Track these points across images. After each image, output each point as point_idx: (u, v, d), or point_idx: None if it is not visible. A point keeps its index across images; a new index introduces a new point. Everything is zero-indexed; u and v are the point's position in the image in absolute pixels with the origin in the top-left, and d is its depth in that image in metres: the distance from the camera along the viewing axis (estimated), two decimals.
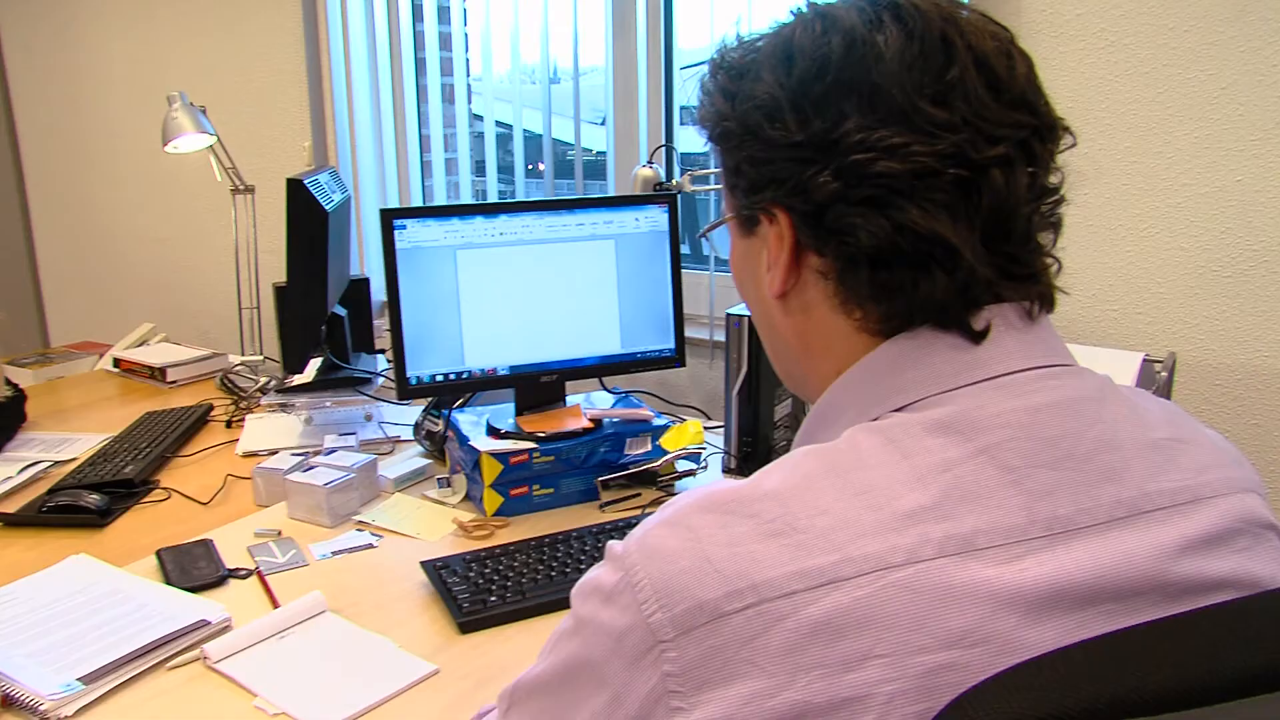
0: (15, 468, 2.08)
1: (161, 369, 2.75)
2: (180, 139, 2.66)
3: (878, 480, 0.64)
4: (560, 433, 1.80)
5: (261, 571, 1.59)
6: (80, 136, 3.86)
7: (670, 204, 1.94)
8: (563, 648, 0.69)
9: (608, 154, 2.65)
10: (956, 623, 0.58)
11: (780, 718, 0.58)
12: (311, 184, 2.00)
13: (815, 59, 0.70)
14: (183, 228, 3.61)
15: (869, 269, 0.70)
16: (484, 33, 2.84)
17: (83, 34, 3.71)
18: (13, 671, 1.28)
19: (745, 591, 0.60)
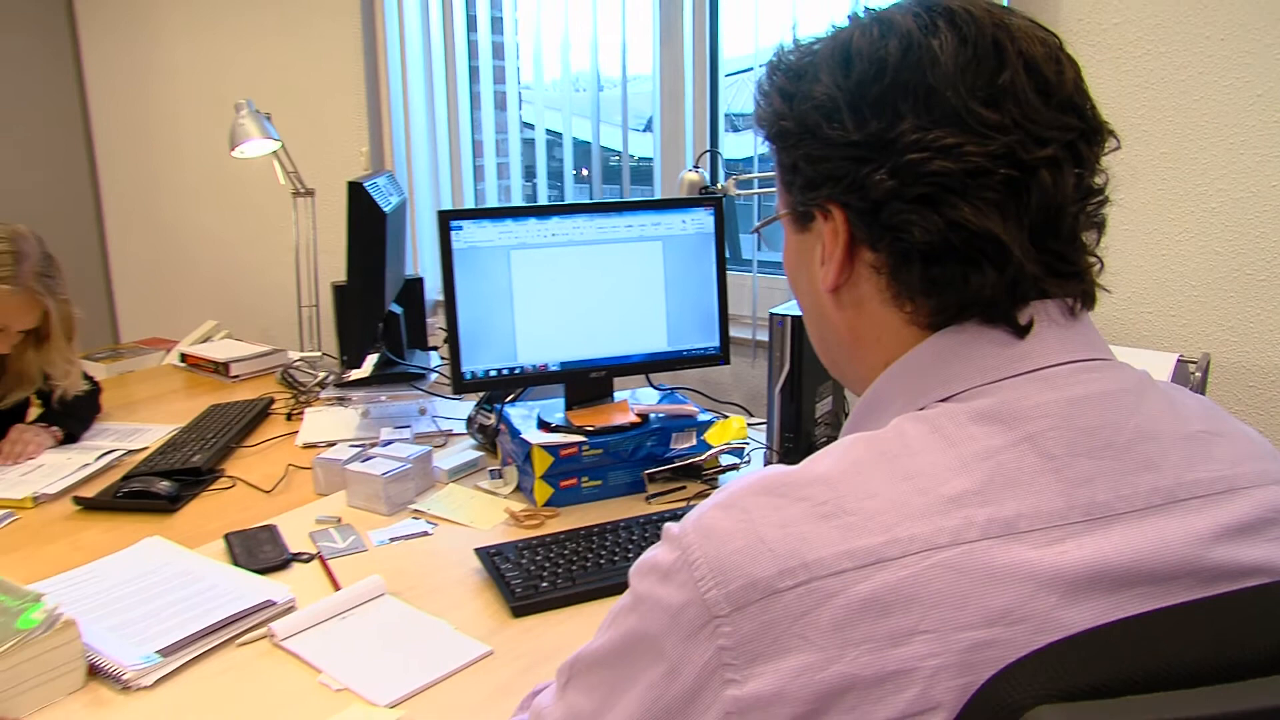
0: (92, 455, 2.12)
1: (225, 364, 2.80)
2: (246, 144, 2.70)
3: (924, 466, 0.64)
4: (608, 427, 1.81)
5: (323, 556, 1.61)
6: (151, 143, 3.93)
7: (716, 207, 1.94)
8: (621, 623, 0.70)
9: (654, 159, 2.66)
10: (998, 601, 0.59)
11: (829, 690, 0.59)
12: (371, 187, 2.02)
13: (873, 62, 0.71)
14: (245, 230, 3.66)
15: (921, 264, 0.70)
16: (535, 42, 2.86)
17: (154, 45, 3.78)
18: (98, 643, 1.31)
19: (797, 570, 0.61)
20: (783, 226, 0.83)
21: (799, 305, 0.86)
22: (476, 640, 1.35)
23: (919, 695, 0.58)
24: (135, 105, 3.94)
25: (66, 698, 1.26)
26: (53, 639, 1.25)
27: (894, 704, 0.58)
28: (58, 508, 1.91)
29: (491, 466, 1.94)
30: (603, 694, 0.71)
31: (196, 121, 3.73)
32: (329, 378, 2.55)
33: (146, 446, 2.20)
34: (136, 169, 4.02)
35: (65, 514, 1.88)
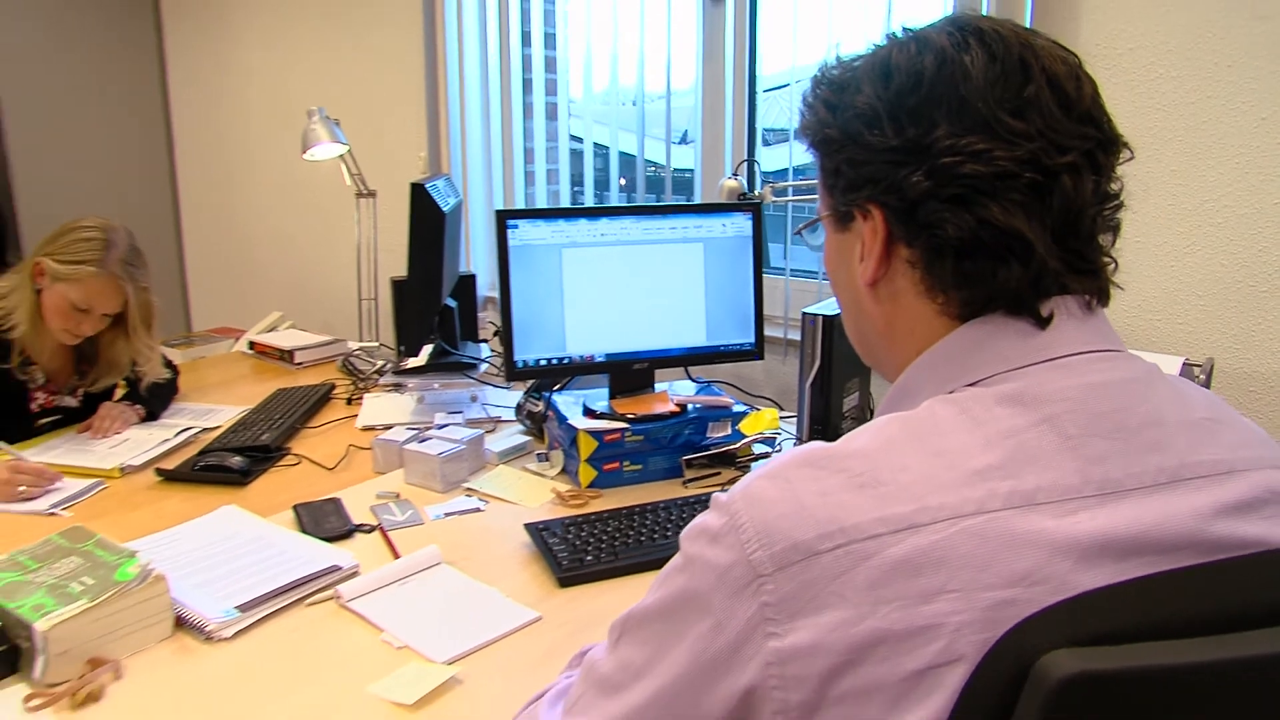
0: (171, 432, 2.19)
1: (290, 352, 2.86)
2: (317, 148, 2.76)
3: (952, 444, 0.67)
4: (649, 415, 1.85)
5: (383, 527, 1.66)
6: (225, 146, 4.01)
7: (754, 212, 1.98)
8: (672, 582, 0.73)
9: (694, 169, 2.70)
10: (1019, 565, 0.62)
11: (862, 642, 0.62)
12: (431, 188, 2.07)
13: (910, 75, 0.74)
14: (310, 228, 3.73)
15: (954, 259, 0.73)
16: (586, 59, 2.91)
17: (232, 54, 3.85)
18: (184, 597, 1.37)
19: (835, 534, 0.64)
20: (824, 227, 0.87)
21: (838, 300, 0.89)
22: (526, 607, 1.39)
23: (944, 648, 0.61)
24: (212, 110, 4.02)
25: (157, 644, 1.31)
26: (146, 591, 1.31)
27: (921, 655, 0.61)
28: (141, 478, 1.97)
29: (538, 450, 1.99)
30: (653, 647, 0.74)
31: (268, 126, 3.80)
32: (386, 365, 2.61)
33: (219, 425, 2.26)
34: (212, 170, 4.10)
35: (148, 484, 1.94)
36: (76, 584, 1.31)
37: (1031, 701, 0.54)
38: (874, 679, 0.62)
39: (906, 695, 0.62)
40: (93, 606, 1.26)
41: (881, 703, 0.62)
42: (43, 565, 1.37)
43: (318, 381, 2.60)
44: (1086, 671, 0.52)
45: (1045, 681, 0.53)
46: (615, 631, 0.80)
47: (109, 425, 2.18)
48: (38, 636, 1.21)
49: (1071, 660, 0.53)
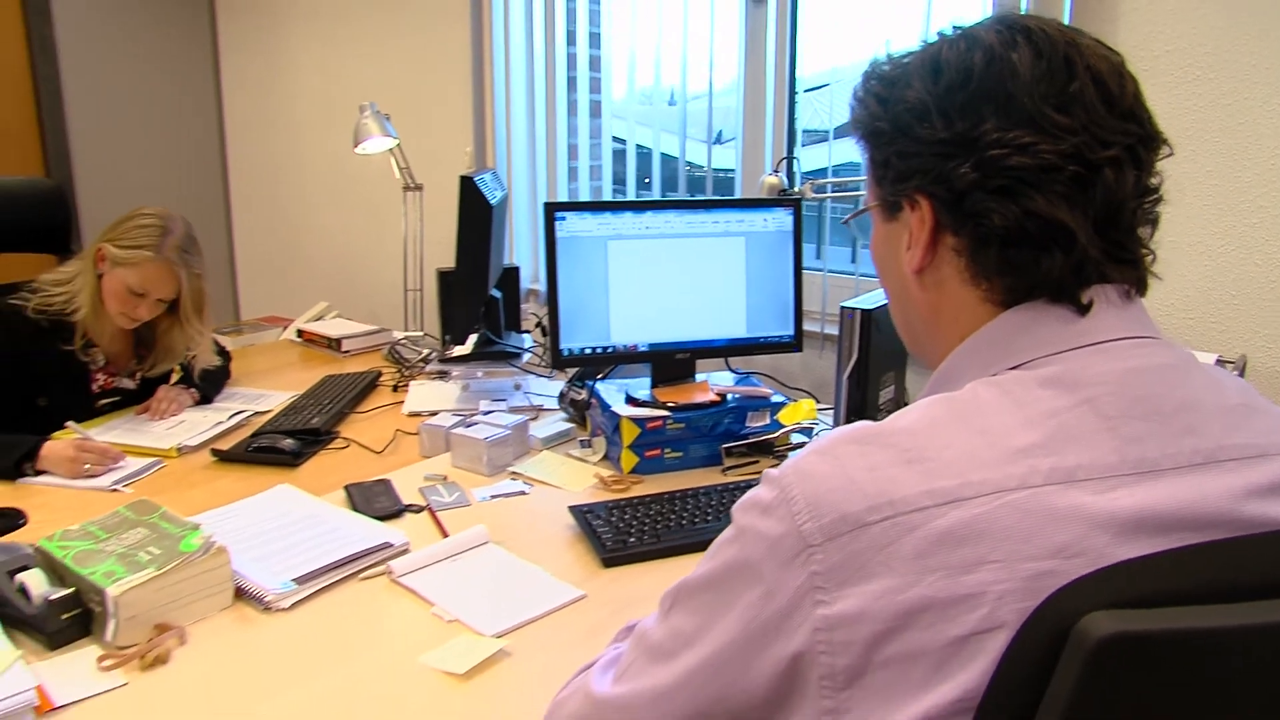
0: (225, 415, 2.24)
1: (338, 340, 2.91)
2: (368, 141, 2.82)
3: (995, 423, 0.70)
4: (690, 404, 1.88)
5: (432, 508, 1.70)
6: (275, 141, 4.07)
7: (795, 207, 2.01)
8: (724, 552, 0.76)
9: (735, 169, 2.73)
10: (1059, 538, 0.64)
11: (907, 610, 0.65)
12: (479, 181, 2.11)
13: (960, 71, 0.77)
14: (355, 221, 3.79)
15: (999, 247, 0.76)
16: (630, 59, 2.94)
17: (284, 52, 3.92)
18: (243, 570, 1.41)
19: (883, 506, 0.67)
20: (872, 218, 0.89)
21: (885, 289, 0.92)
22: (571, 585, 1.43)
23: (986, 615, 0.63)
24: (263, 106, 4.09)
25: (218, 613, 1.36)
26: (209, 561, 1.36)
27: (964, 623, 0.64)
28: (197, 458, 2.03)
29: (581, 437, 2.03)
30: (704, 615, 0.76)
31: (316, 122, 3.86)
32: (432, 354, 2.66)
33: (270, 409, 2.31)
34: (261, 164, 4.17)
35: (204, 464, 2.00)
36: (144, 553, 1.36)
37: (1071, 661, 0.57)
38: (918, 645, 0.65)
39: (949, 660, 0.64)
40: (160, 575, 1.31)
41: (925, 667, 0.65)
42: (112, 535, 1.42)
43: (364, 369, 2.65)
44: (1124, 632, 0.55)
45: (1085, 642, 0.55)
46: (666, 601, 0.83)
47: (166, 407, 2.24)
48: (109, 601, 1.27)
49: (1110, 621, 0.55)
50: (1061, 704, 0.58)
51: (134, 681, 1.21)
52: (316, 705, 1.16)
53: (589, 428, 2.03)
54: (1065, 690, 0.57)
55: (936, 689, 0.65)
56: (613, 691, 0.84)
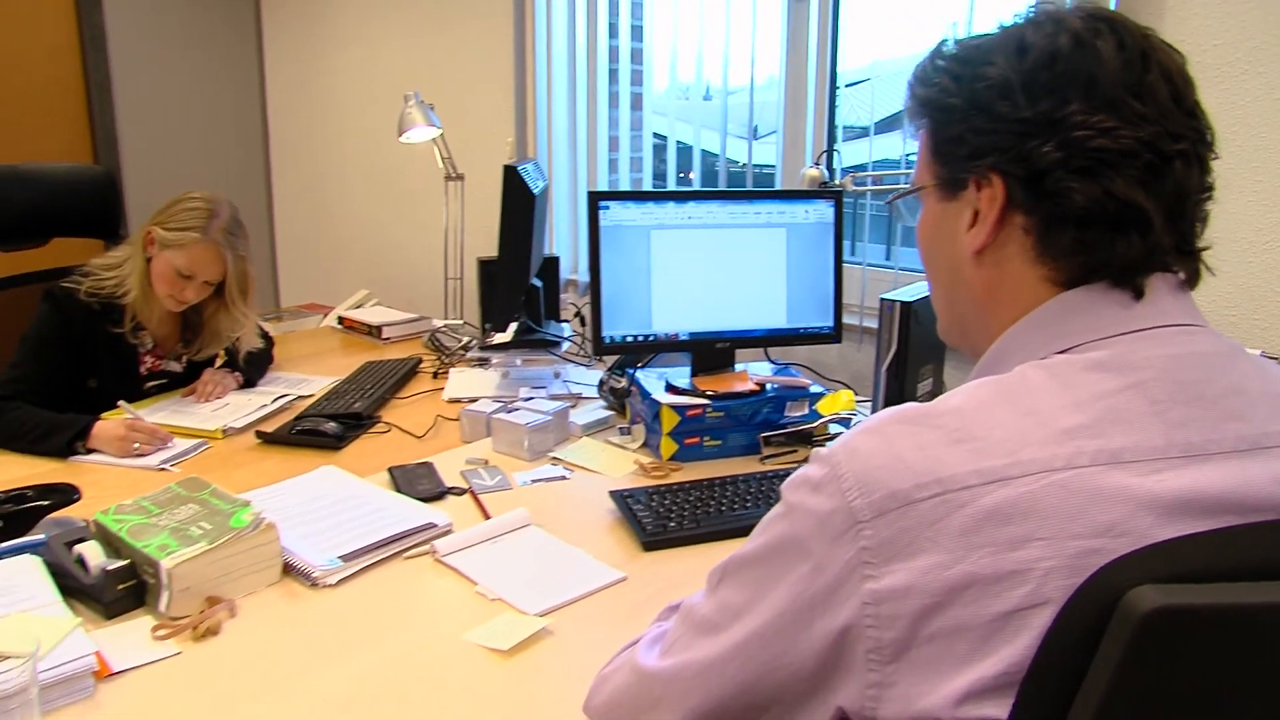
0: (269, 398, 2.29)
1: (378, 327, 2.95)
2: (412, 131, 2.85)
3: (1043, 405, 0.71)
4: (730, 393, 1.89)
5: (474, 490, 1.73)
6: (316, 129, 4.13)
7: (836, 199, 2.02)
8: (773, 528, 0.78)
9: (775, 163, 2.73)
10: (1104, 517, 0.65)
11: (954, 585, 0.66)
12: (523, 171, 2.14)
13: (1046, 51, 0.78)
14: (396, 211, 3.83)
15: (1075, 227, 0.77)
16: (672, 53, 2.95)
17: (326, 43, 3.96)
18: (291, 546, 1.45)
19: (931, 484, 0.68)
20: (923, 199, 0.90)
21: (930, 272, 0.92)
22: (611, 567, 1.45)
23: (1031, 592, 0.65)
24: (306, 96, 4.14)
25: (267, 588, 1.40)
26: (258, 537, 1.39)
27: (1009, 599, 0.65)
28: (242, 440, 2.07)
29: (620, 425, 2.05)
30: (753, 589, 0.78)
31: (358, 114, 3.91)
32: (472, 342, 2.69)
33: (313, 394, 2.35)
34: (303, 153, 4.23)
35: (248, 445, 2.04)
36: (196, 528, 1.39)
37: (1117, 635, 0.58)
38: (963, 619, 0.66)
39: (994, 636, 0.66)
40: (212, 549, 1.35)
41: (970, 641, 0.67)
42: (164, 510, 1.46)
43: (405, 356, 2.68)
44: (1170, 605, 0.56)
45: (1131, 615, 0.57)
46: (715, 577, 0.85)
47: (211, 390, 2.29)
48: (164, 573, 1.30)
49: (1156, 595, 0.56)
50: (1107, 677, 0.59)
51: (187, 651, 1.24)
52: (364, 678, 1.19)
53: (628, 415, 2.05)
54: (1111, 663, 0.59)
55: (981, 663, 0.66)
56: (660, 664, 0.86)
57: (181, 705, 1.14)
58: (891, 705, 0.70)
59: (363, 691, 1.17)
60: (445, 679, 1.19)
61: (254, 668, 1.21)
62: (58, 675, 1.12)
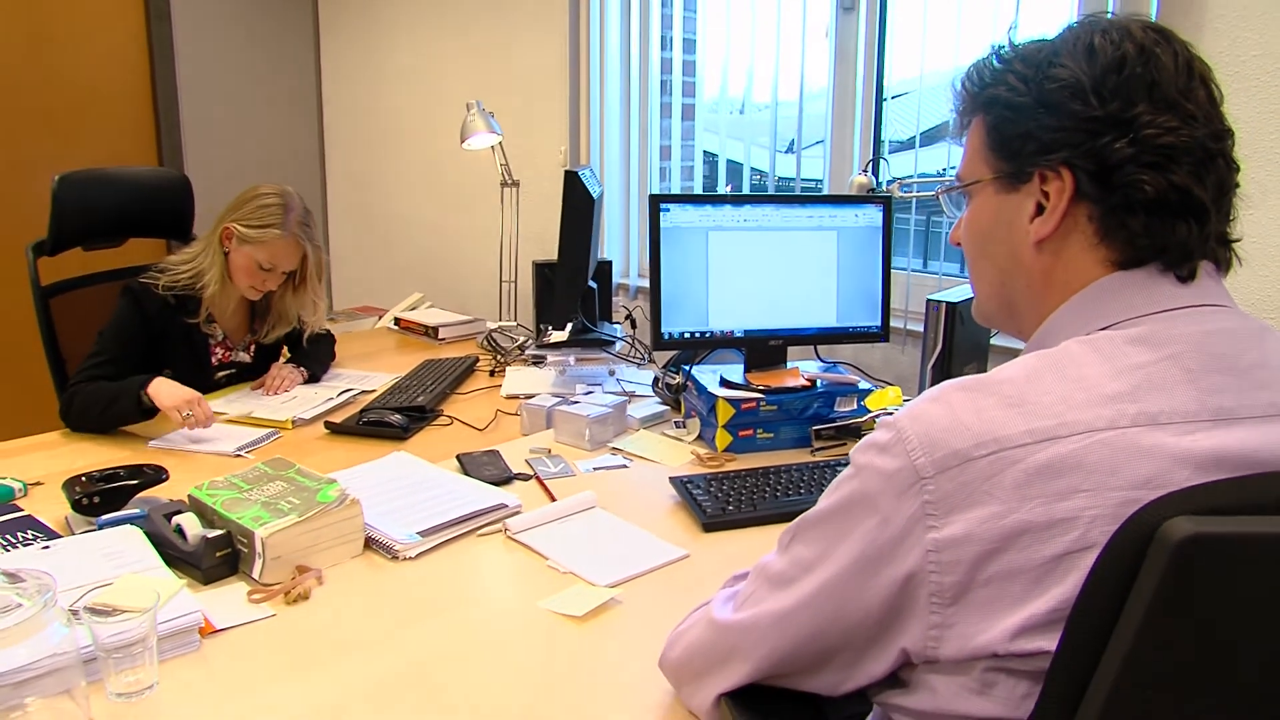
0: (334, 391, 2.41)
1: (435, 328, 3.07)
2: (474, 138, 2.97)
3: (1087, 374, 0.81)
4: (782, 388, 1.99)
5: (539, 476, 1.83)
6: (371, 136, 4.25)
7: (885, 205, 2.12)
8: (844, 488, 0.87)
9: (823, 173, 2.83)
10: (1143, 471, 0.75)
11: (1008, 533, 0.76)
12: (584, 175, 2.24)
13: (1114, 57, 0.86)
14: (448, 215, 3.95)
15: (1144, 214, 0.85)
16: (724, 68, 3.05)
17: (382, 51, 4.09)
18: (372, 522, 1.55)
19: (989, 443, 0.78)
20: (973, 194, 0.98)
21: (979, 263, 1.00)
22: (675, 545, 1.55)
23: (1079, 537, 0.74)
24: (361, 104, 4.27)
25: (350, 560, 1.51)
26: (344, 511, 1.50)
27: (1059, 544, 0.75)
28: (310, 430, 2.19)
29: (675, 419, 2.15)
30: (824, 544, 0.88)
31: (414, 121, 4.02)
32: (528, 341, 2.80)
33: (375, 389, 2.46)
34: (357, 160, 4.36)
35: (317, 435, 2.15)
36: (285, 503, 1.51)
37: (1155, 563, 0.67)
38: (1017, 563, 0.76)
39: (1046, 577, 0.75)
40: (302, 521, 1.46)
41: (1024, 583, 0.76)
42: (254, 487, 1.57)
43: (461, 355, 2.79)
44: (1202, 533, 0.65)
45: (1167, 542, 0.65)
46: (786, 537, 0.94)
47: (279, 384, 2.41)
48: (258, 542, 1.41)
49: (1189, 525, 0.65)
50: (1145, 603, 0.67)
51: (281, 613, 1.35)
52: (446, 638, 1.30)
53: (682, 410, 2.14)
54: (1148, 591, 0.67)
55: (1034, 602, 0.76)
56: (735, 617, 0.96)
57: (279, 660, 1.24)
58: (952, 643, 0.80)
59: (448, 650, 1.27)
60: (523, 641, 1.29)
61: (344, 629, 1.32)
62: (169, 629, 1.23)
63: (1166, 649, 0.69)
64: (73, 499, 1.62)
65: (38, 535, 1.55)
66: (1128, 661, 0.68)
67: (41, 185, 2.53)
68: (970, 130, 0.98)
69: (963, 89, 0.98)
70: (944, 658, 0.81)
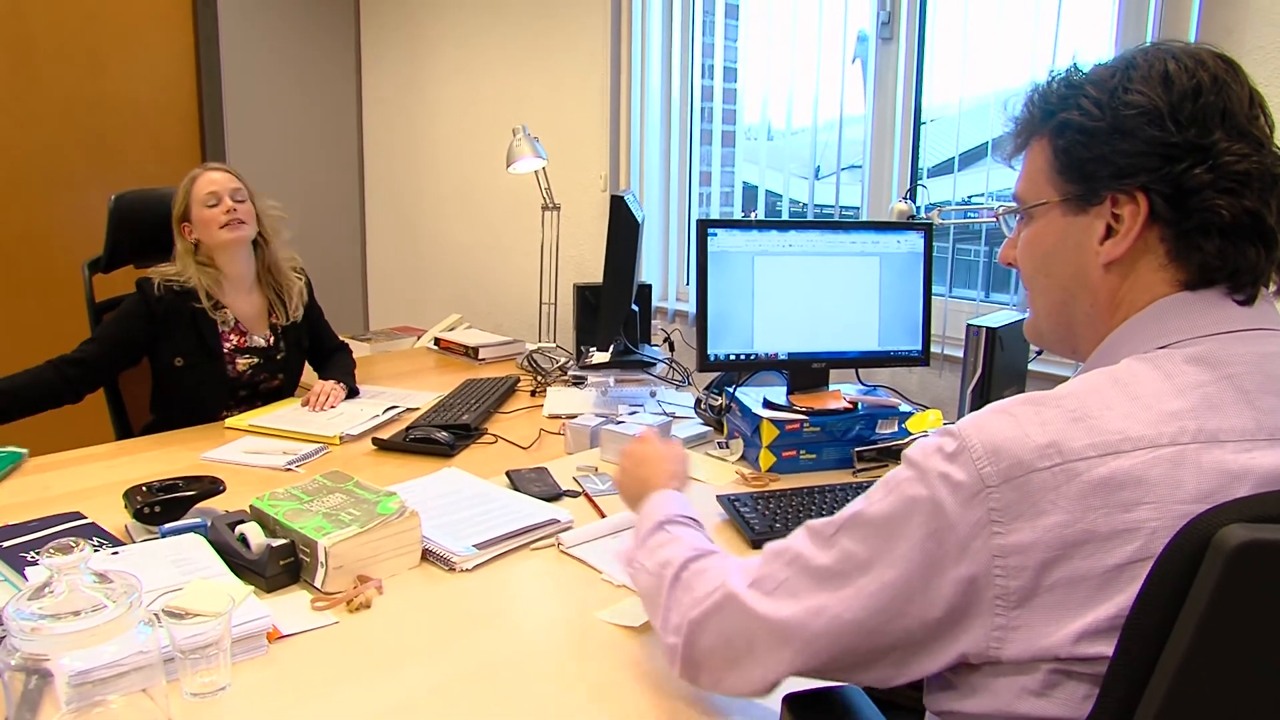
0: (380, 408, 2.47)
1: (475, 348, 3.14)
2: (520, 162, 3.05)
3: (1149, 391, 0.85)
4: (825, 410, 2.04)
5: (588, 493, 1.88)
6: (411, 157, 4.34)
7: (926, 231, 2.17)
8: (902, 490, 0.90)
9: (861, 198, 2.88)
10: (1204, 486, 0.79)
11: (1072, 541, 0.80)
12: (629, 200, 2.31)
13: (1190, 85, 0.90)
14: (486, 237, 4.02)
15: (1219, 237, 0.89)
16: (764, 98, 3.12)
17: (424, 72, 4.18)
18: (429, 534, 1.61)
19: (1053, 455, 0.82)
20: (1036, 215, 1.01)
21: (1042, 281, 1.03)
22: None
23: (1141, 547, 0.78)
24: (401, 128, 4.36)
25: (408, 570, 1.56)
26: (403, 523, 1.56)
27: (1121, 553, 0.79)
28: (358, 446, 2.25)
29: (718, 440, 2.20)
30: (880, 544, 0.90)
31: (453, 144, 4.10)
32: (569, 362, 2.86)
33: (419, 407, 2.52)
34: (396, 183, 4.45)
35: (364, 451, 2.21)
36: (346, 514, 1.56)
37: (1210, 570, 0.71)
38: (1080, 571, 0.80)
39: (1108, 585, 0.79)
40: (363, 532, 1.51)
41: (1087, 590, 0.80)
42: (314, 498, 1.63)
43: (502, 375, 2.86)
44: (1256, 540, 0.69)
45: (1222, 549, 0.70)
46: (830, 529, 0.96)
47: (324, 401, 2.48)
48: (321, 551, 1.47)
49: (1243, 532, 0.70)
50: (1200, 609, 0.72)
51: (344, 621, 1.40)
52: (506, 646, 1.35)
53: (725, 431, 2.19)
54: (1204, 597, 0.72)
55: (1097, 608, 0.80)
56: (781, 611, 0.96)
57: (344, 665, 1.29)
58: (1016, 645, 0.83)
59: (508, 656, 1.32)
60: (580, 650, 1.34)
61: (406, 636, 1.37)
62: (240, 633, 1.28)
63: (1221, 654, 0.73)
64: (134, 508, 1.67)
65: (103, 542, 1.61)
66: (1183, 667, 0.73)
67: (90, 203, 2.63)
68: (1032, 151, 1.01)
69: (1025, 111, 1.01)
70: (1007, 659, 0.84)
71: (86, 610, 1.05)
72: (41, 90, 3.69)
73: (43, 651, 1.05)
